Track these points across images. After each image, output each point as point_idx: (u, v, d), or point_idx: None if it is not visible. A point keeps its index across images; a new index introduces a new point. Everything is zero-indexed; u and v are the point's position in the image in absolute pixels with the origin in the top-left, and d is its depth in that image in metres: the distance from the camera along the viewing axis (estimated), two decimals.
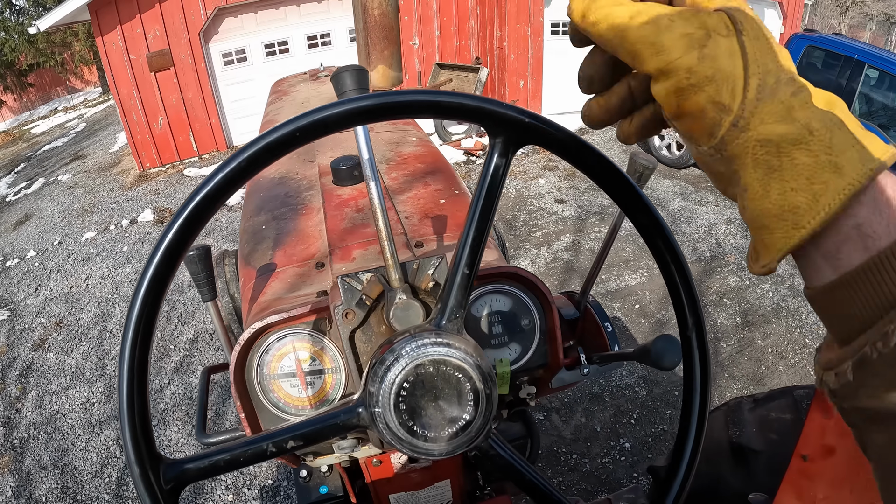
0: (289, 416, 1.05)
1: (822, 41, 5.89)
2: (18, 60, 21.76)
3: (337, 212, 1.49)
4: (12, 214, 8.91)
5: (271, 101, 3.11)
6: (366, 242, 1.33)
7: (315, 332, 1.03)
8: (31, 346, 5.13)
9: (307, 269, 1.29)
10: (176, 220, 0.59)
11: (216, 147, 9.47)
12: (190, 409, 3.95)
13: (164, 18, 8.45)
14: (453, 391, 0.64)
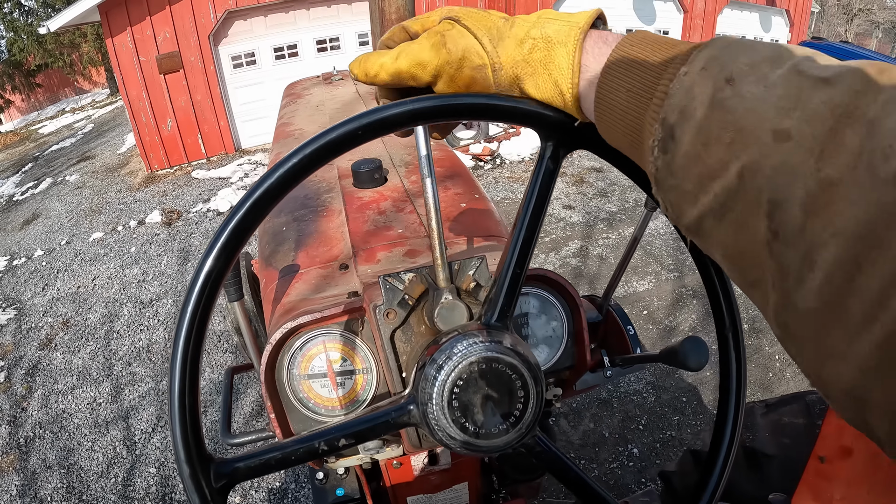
0: (318, 417, 1.05)
1: (830, 49, 5.91)
2: (27, 61, 21.86)
3: (359, 214, 1.49)
4: (19, 214, 8.94)
5: (285, 105, 3.10)
6: (390, 245, 1.33)
7: (347, 332, 1.03)
8: (38, 345, 5.14)
9: (331, 271, 1.28)
10: (234, 215, 0.59)
11: (224, 150, 9.50)
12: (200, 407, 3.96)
13: (174, 20, 8.51)
14: (505, 389, 0.65)
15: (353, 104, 2.69)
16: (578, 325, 1.11)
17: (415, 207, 1.51)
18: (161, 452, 3.66)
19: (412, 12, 2.34)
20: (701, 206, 0.44)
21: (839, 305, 0.35)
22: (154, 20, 8.42)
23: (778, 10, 12.18)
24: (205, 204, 7.59)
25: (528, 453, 0.75)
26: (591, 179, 7.29)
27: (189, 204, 7.71)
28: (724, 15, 11.21)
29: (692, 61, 0.45)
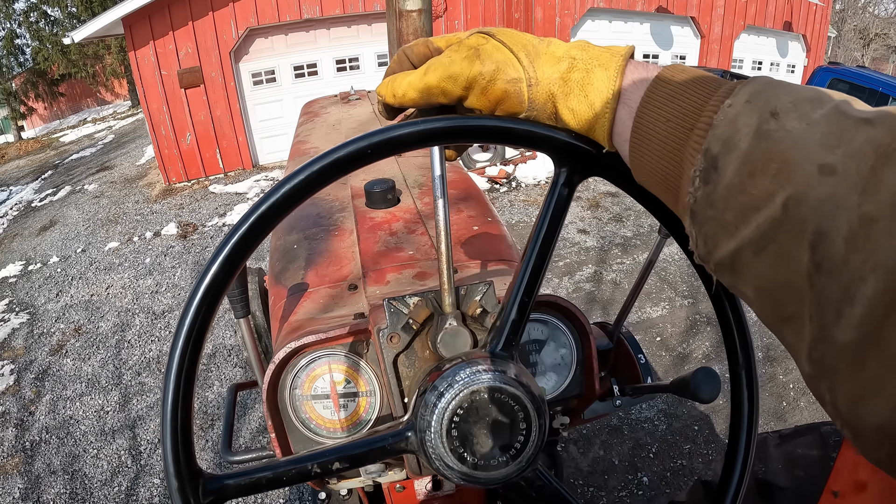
0: (320, 438, 1.04)
1: (846, 73, 5.93)
2: (51, 70, 22.21)
3: (370, 234, 1.48)
4: (37, 220, 9.04)
5: (302, 123, 3.10)
6: (400, 266, 1.31)
7: (352, 354, 1.02)
8: (49, 350, 5.16)
9: (340, 291, 1.27)
10: (238, 229, 0.58)
11: (242, 165, 9.60)
12: (204, 423, 3.93)
13: (196, 36, 8.65)
14: (507, 420, 0.64)
15: (370, 123, 2.69)
16: (588, 352, 1.10)
17: (426, 229, 1.50)
18: None
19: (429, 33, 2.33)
20: (740, 237, 0.44)
21: (878, 339, 0.35)
22: (177, 35, 8.57)
23: (794, 35, 12.25)
24: (221, 218, 7.65)
25: (528, 487, 0.74)
26: (606, 204, 7.30)
27: (205, 218, 7.75)
28: (741, 40, 11.27)
29: (736, 94, 0.46)
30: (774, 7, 11.35)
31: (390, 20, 2.50)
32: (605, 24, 9.77)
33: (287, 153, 8.33)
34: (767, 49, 11.96)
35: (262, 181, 8.86)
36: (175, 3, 8.39)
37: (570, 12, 9.13)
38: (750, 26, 11.18)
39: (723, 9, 10.56)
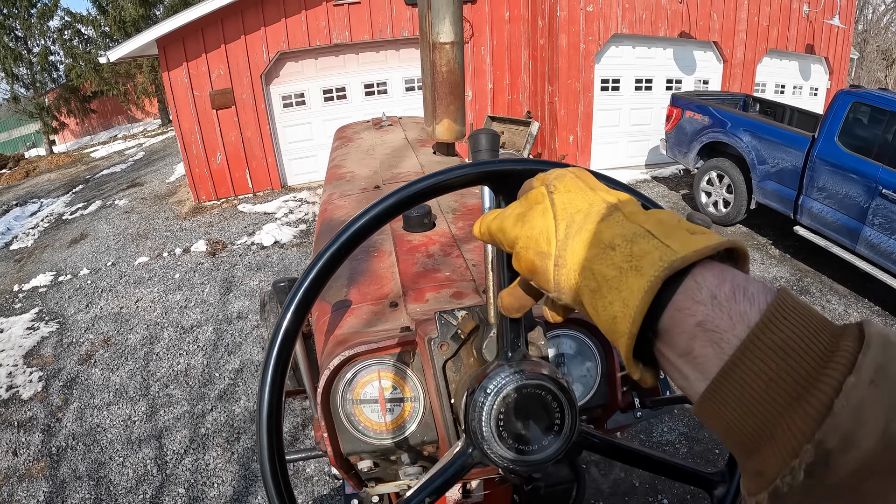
0: (367, 439, 1.11)
1: (868, 97, 5.90)
2: (83, 87, 22.71)
3: (408, 256, 1.55)
4: (68, 232, 9.23)
5: (336, 147, 3.20)
6: (438, 286, 1.39)
7: (399, 362, 1.10)
8: (77, 359, 5.27)
9: (381, 308, 1.34)
10: (322, 256, 0.66)
11: (271, 185, 9.71)
12: (231, 435, 4.01)
13: (228, 59, 8.83)
14: (539, 405, 0.71)
15: (403, 150, 2.77)
16: (612, 366, 1.18)
17: (461, 252, 1.57)
18: (191, 474, 3.72)
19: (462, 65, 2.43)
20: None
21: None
22: (209, 57, 8.74)
23: (817, 58, 12.20)
24: (249, 237, 7.74)
25: (585, 447, 0.84)
26: None
27: (234, 236, 7.86)
28: (764, 64, 11.23)
29: (859, 369, 0.37)
30: (796, 30, 11.37)
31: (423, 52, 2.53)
32: (629, 49, 9.81)
33: (316, 174, 8.41)
34: (790, 73, 11.93)
35: (290, 202, 8.97)
36: (208, 27, 8.58)
37: (594, 38, 9.19)
38: (772, 50, 11.19)
39: (745, 33, 10.58)
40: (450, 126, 2.52)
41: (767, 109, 8.63)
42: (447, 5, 2.32)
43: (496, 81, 10.04)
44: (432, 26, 2.35)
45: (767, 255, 6.60)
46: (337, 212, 2.10)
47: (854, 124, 5.92)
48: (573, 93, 9.31)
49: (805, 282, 5.96)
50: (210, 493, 3.54)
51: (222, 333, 5.36)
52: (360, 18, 9.18)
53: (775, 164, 6.55)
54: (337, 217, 2.04)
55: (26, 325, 6.15)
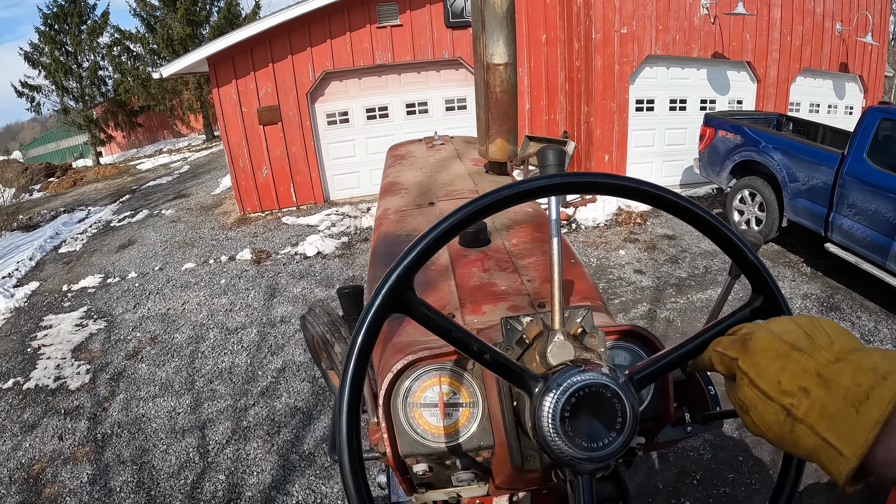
0: (425, 442, 1.12)
1: (894, 113, 5.96)
2: (131, 101, 23.44)
3: (464, 270, 1.58)
4: (116, 239, 9.66)
5: (389, 164, 3.24)
6: (494, 299, 1.41)
7: (458, 368, 1.12)
8: (125, 355, 5.53)
9: None
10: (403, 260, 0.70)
11: (314, 200, 10.02)
12: (272, 429, 4.22)
13: (275, 77, 9.20)
14: (603, 404, 0.74)
15: (455, 168, 2.82)
16: (664, 379, 1.19)
17: (516, 268, 1.60)
18: (232, 462, 3.92)
19: (515, 86, 2.47)
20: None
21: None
22: (258, 75, 9.13)
23: (851, 77, 12.11)
24: (293, 248, 7.97)
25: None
26: (663, 246, 7.41)
27: (278, 246, 8.10)
28: (798, 83, 11.21)
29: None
30: (829, 49, 11.33)
31: (478, 72, 2.51)
32: (663, 70, 9.91)
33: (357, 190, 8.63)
34: (825, 92, 11.85)
35: (332, 215, 9.22)
36: (257, 46, 8.96)
37: (628, 60, 9.34)
38: (806, 69, 11.16)
39: (778, 52, 10.59)
40: (503, 146, 2.55)
41: (800, 128, 8.64)
42: (501, 27, 2.35)
43: (534, 102, 10.24)
44: (486, 48, 2.39)
45: (799, 272, 6.64)
46: (392, 226, 2.12)
47: (883, 141, 5.96)
48: (608, 113, 9.46)
49: (836, 299, 5.99)
50: (249, 481, 3.74)
51: (266, 336, 5.59)
52: (403, 40, 9.49)
53: (806, 181, 6.61)
54: (393, 231, 2.06)
55: (75, 322, 6.47)
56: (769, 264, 6.85)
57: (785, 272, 6.69)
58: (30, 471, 4.08)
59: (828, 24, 11.13)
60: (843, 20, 11.26)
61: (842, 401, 0.54)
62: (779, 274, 6.66)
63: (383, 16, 9.32)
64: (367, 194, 10.30)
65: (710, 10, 9.63)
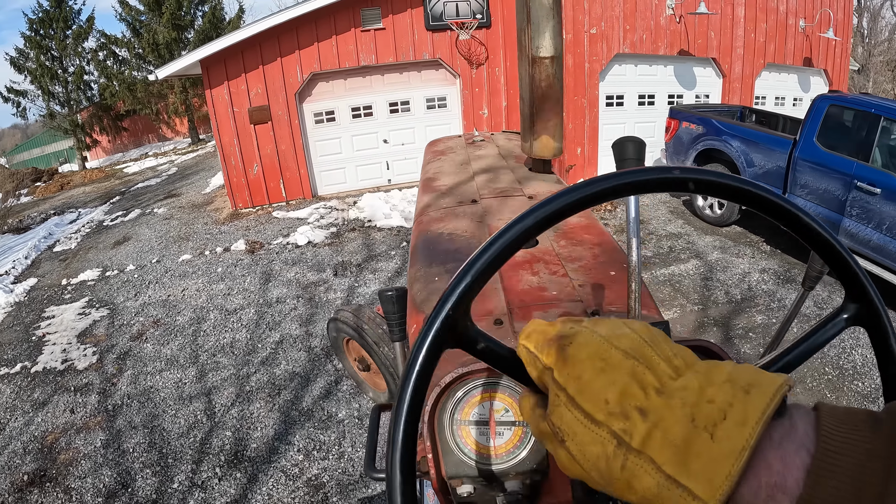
0: (472, 462, 1.05)
1: (842, 100, 6.51)
2: (117, 105, 23.53)
3: (512, 273, 1.52)
4: (110, 236, 9.95)
5: (428, 160, 3.16)
6: (545, 305, 1.36)
7: (511, 383, 1.03)
8: (129, 337, 5.85)
9: (486, 325, 1.29)
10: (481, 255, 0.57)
11: (303, 195, 10.42)
12: (273, 391, 4.63)
13: (265, 79, 9.61)
14: None
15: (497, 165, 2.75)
16: None
17: (567, 272, 1.54)
18: (237, 421, 4.30)
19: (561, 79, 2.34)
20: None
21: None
22: (248, 77, 9.53)
23: (816, 71, 12.54)
24: (284, 238, 8.34)
25: None
26: None
27: (270, 237, 8.46)
28: (763, 77, 11.66)
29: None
30: (793, 44, 11.80)
31: (522, 66, 2.42)
32: (632, 67, 10.38)
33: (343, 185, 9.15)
34: (790, 85, 12.27)
35: (320, 209, 9.62)
36: (248, 49, 9.36)
37: (598, 58, 9.84)
38: (770, 64, 11.61)
39: (742, 49, 11.08)
40: (548, 142, 2.43)
41: (763, 119, 9.20)
42: (547, 19, 2.24)
43: (510, 100, 10.72)
44: (531, 40, 2.28)
45: (759, 250, 7.12)
46: (434, 224, 2.09)
47: (831, 126, 6.50)
48: (580, 108, 9.98)
49: (792, 273, 6.47)
50: (253, 435, 4.15)
51: (263, 314, 5.99)
52: (386, 43, 9.95)
53: (762, 165, 7.15)
54: (434, 229, 2.02)
55: (77, 311, 6.76)
56: (731, 244, 7.39)
57: (745, 250, 7.18)
58: (44, 441, 4.37)
59: (791, 21, 11.66)
60: (806, 17, 11.80)
61: (689, 423, 0.42)
62: (740, 252, 7.15)
63: (367, 20, 9.75)
64: (353, 189, 10.70)
65: (676, 10, 10.16)
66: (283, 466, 3.82)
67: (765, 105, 11.93)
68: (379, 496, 3.41)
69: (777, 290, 6.04)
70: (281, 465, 3.83)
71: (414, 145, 10.75)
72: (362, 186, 10.78)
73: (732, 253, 7.14)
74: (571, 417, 0.47)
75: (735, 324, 5.41)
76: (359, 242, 8.05)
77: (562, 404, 0.48)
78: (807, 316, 5.48)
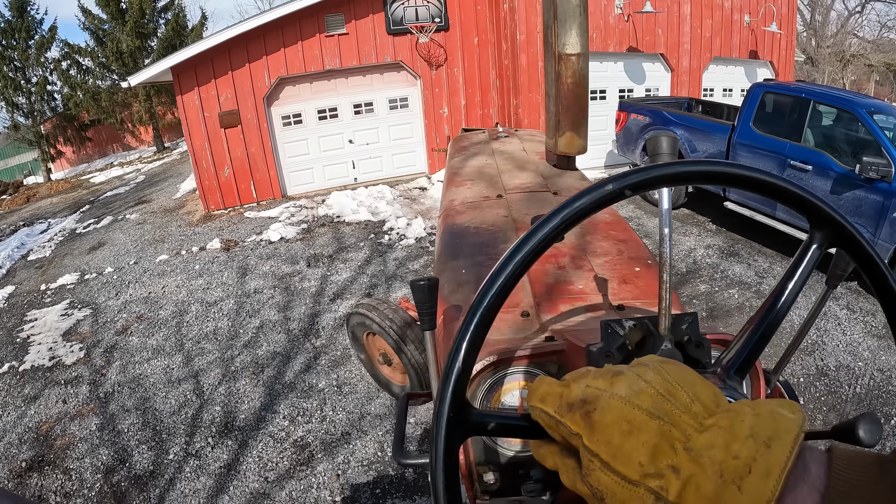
0: (501, 450, 1.06)
1: (774, 87, 7.10)
2: (81, 115, 23.13)
3: (538, 266, 1.52)
4: (85, 242, 10.00)
5: (452, 155, 3.19)
6: (571, 298, 1.37)
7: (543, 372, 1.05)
8: (114, 332, 6.03)
9: (513, 317, 1.32)
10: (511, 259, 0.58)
11: (273, 195, 10.74)
12: (256, 369, 4.97)
13: (234, 84, 9.90)
14: None
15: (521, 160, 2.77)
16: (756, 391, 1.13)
17: (593, 266, 1.55)
18: (225, 397, 4.62)
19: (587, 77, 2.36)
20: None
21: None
22: (218, 83, 9.81)
23: (762, 63, 13.08)
24: (258, 235, 8.62)
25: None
26: None
27: (244, 235, 8.73)
28: (710, 70, 12.19)
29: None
30: (739, 39, 12.33)
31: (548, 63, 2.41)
32: None
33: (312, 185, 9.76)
34: (737, 77, 12.75)
35: (290, 208, 9.92)
36: (217, 56, 9.65)
37: None
38: (717, 58, 12.12)
39: (689, 44, 11.60)
40: (572, 139, 2.41)
41: (708, 109, 9.80)
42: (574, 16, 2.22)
43: (469, 98, 11.21)
44: (558, 37, 2.27)
45: (705, 229, 7.64)
46: (460, 217, 2.10)
47: (766, 111, 7.07)
48: (534, 104, 10.45)
49: (736, 248, 6.99)
50: (241, 408, 4.49)
51: (243, 304, 6.32)
52: (349, 47, 10.34)
53: (705, 150, 7.70)
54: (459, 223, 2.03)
55: (60, 312, 6.87)
56: (678, 224, 7.90)
57: (692, 230, 7.70)
58: (39, 431, 4.55)
59: (736, 17, 12.19)
60: (751, 12, 12.34)
61: (718, 478, 0.45)
62: (687, 231, 7.66)
63: (331, 26, 10.14)
64: (321, 188, 11.06)
65: (624, 10, 10.68)
66: (271, 432, 4.18)
67: (713, 97, 12.45)
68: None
69: (720, 264, 6.56)
70: (269, 431, 4.19)
71: (378, 145, 11.18)
72: (330, 185, 11.12)
73: (680, 232, 7.62)
74: (609, 480, 0.49)
75: (681, 292, 5.83)
76: (329, 236, 8.40)
77: (597, 469, 0.50)
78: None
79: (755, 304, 5.64)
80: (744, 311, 5.52)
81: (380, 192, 10.28)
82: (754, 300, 5.71)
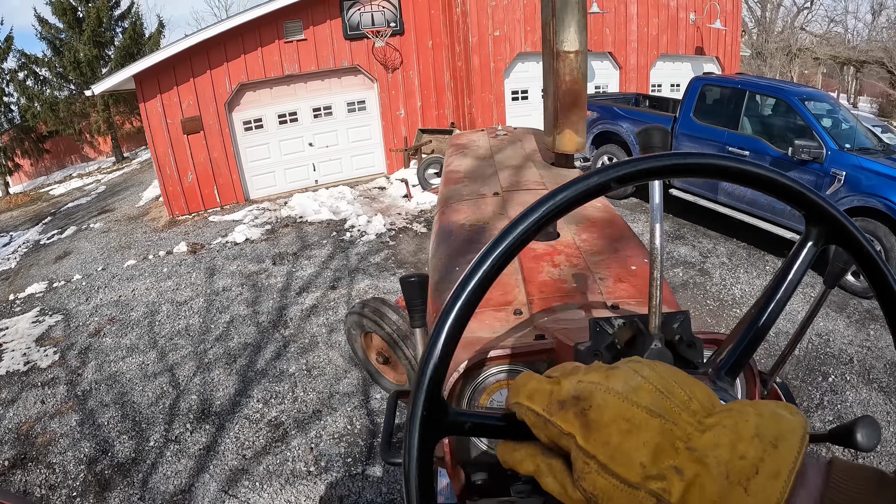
0: (489, 450, 1.05)
1: (713, 80, 7.60)
2: (39, 127, 22.66)
3: (533, 264, 1.52)
4: (50, 252, 9.98)
5: (451, 154, 3.18)
6: (564, 297, 1.35)
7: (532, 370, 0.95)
8: (88, 335, 6.13)
9: (506, 315, 1.31)
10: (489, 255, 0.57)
11: (236, 199, 10.91)
12: (229, 360, 5.21)
13: (196, 91, 10.07)
14: None
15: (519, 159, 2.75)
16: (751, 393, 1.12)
17: (588, 265, 1.53)
18: (200, 387, 4.84)
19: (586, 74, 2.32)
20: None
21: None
22: (180, 89, 9.96)
23: (709, 58, 13.59)
24: (223, 238, 8.81)
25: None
26: None
27: (210, 238, 8.91)
28: (657, 67, 12.67)
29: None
30: (685, 36, 12.83)
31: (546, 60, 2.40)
32: (534, 64, 11.17)
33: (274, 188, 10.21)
34: (684, 73, 13.11)
35: (254, 210, 10.13)
36: (179, 64, 9.80)
37: (501, 57, 10.70)
38: (664, 54, 12.61)
39: (636, 42, 12.08)
40: (571, 137, 2.39)
41: (655, 103, 10.28)
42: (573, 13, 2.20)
43: (424, 100, 11.56)
44: (556, 34, 2.24)
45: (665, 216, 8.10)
46: (455, 215, 2.09)
47: (705, 102, 7.54)
48: (487, 104, 10.86)
49: (682, 231, 7.45)
50: (217, 395, 4.73)
51: (212, 301, 6.55)
52: (308, 52, 10.61)
53: None
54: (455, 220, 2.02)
55: (31, 320, 6.89)
56: (627, 213, 8.33)
57: (640, 217, 8.16)
58: (19, 431, 4.64)
59: (682, 15, 12.72)
60: (696, 10, 12.88)
61: (724, 480, 0.42)
62: (635, 218, 8.08)
63: (290, 32, 10.39)
64: (283, 191, 11.30)
65: None
66: (246, 414, 4.46)
67: (661, 91, 12.94)
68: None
69: (667, 246, 7.00)
70: (244, 414, 4.46)
71: (337, 147, 11.47)
72: (291, 188, 11.35)
73: (629, 220, 8.02)
74: (606, 483, 0.46)
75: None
76: (293, 236, 8.66)
77: (593, 472, 0.47)
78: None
79: (698, 281, 6.07)
80: (687, 287, 5.96)
81: (340, 193, 10.51)
82: (697, 277, 6.14)
